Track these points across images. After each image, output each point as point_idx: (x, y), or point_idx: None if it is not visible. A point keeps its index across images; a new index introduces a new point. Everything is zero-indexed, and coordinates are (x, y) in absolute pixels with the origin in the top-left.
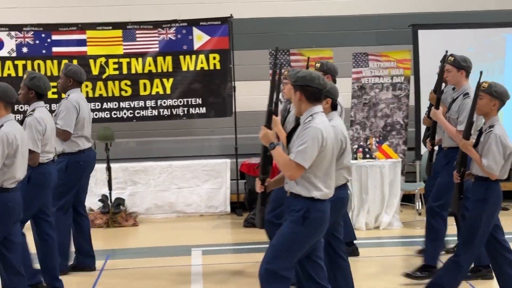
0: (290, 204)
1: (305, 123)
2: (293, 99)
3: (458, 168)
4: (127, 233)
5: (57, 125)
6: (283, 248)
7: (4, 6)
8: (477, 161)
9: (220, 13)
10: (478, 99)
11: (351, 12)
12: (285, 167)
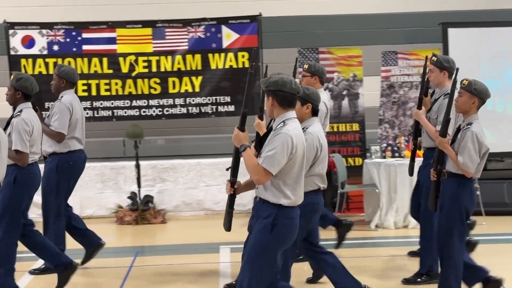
0: (258, 209)
1: (276, 129)
2: (266, 105)
3: (435, 166)
4: (156, 230)
5: (51, 127)
6: (257, 267)
7: (36, 4)
8: (453, 158)
9: (249, 11)
10: (458, 96)
11: (380, 10)
12: (253, 171)
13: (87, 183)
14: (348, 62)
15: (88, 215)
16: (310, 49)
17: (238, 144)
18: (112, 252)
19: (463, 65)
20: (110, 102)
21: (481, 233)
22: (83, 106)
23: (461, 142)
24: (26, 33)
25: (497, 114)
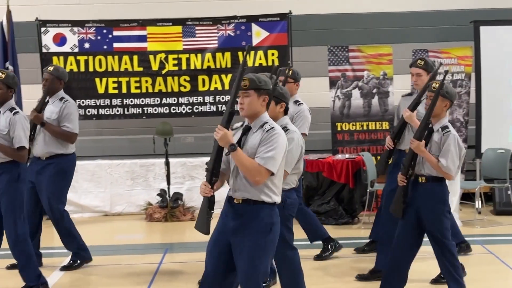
0: (244, 211)
1: (268, 130)
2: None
3: (406, 171)
4: (185, 227)
5: (67, 128)
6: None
7: (67, 3)
8: (433, 162)
9: (279, 9)
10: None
11: (411, 8)
12: (253, 172)
13: (117, 180)
14: (378, 60)
15: (117, 212)
16: (340, 47)
17: (226, 144)
18: (142, 249)
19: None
20: (140, 99)
21: None
22: (114, 104)
23: (440, 146)
24: (57, 31)
25: None
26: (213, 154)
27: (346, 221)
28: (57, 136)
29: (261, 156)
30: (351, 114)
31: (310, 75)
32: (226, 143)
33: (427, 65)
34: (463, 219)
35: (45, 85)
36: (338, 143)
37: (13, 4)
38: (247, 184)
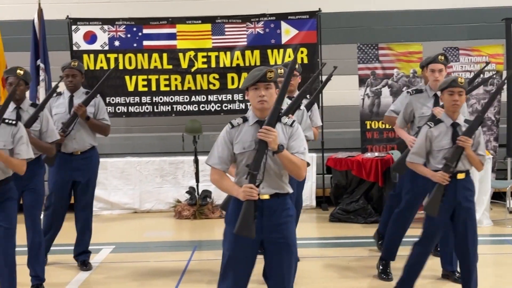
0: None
1: (291, 124)
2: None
3: (448, 168)
4: (214, 225)
5: (105, 121)
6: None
7: (97, 1)
8: (475, 156)
9: (309, 7)
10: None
11: (441, 6)
12: (302, 167)
13: (147, 178)
14: (408, 58)
15: (147, 209)
16: (369, 45)
17: (276, 144)
18: (170, 246)
19: None
20: (169, 97)
21: None
22: (144, 102)
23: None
24: (88, 28)
25: None
26: (257, 155)
27: (375, 219)
28: (97, 129)
29: (300, 151)
30: (381, 112)
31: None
32: (276, 144)
33: (448, 60)
34: (493, 219)
35: (72, 81)
36: (367, 141)
37: (44, 2)
38: (276, 179)
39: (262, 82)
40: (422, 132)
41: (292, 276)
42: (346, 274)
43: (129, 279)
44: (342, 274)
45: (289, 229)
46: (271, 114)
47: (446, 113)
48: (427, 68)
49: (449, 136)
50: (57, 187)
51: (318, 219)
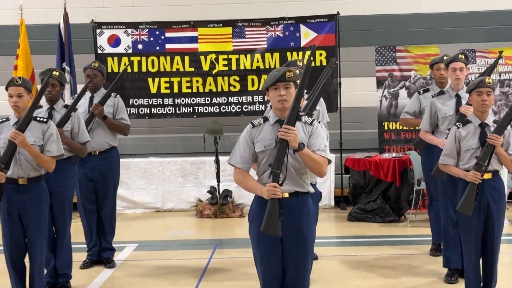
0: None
1: (311, 122)
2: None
3: (480, 167)
4: (234, 224)
5: (124, 121)
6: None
7: (121, 5)
8: (506, 155)
9: (327, 11)
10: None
11: (458, 8)
12: (323, 165)
13: (169, 177)
14: (425, 61)
15: (169, 208)
16: (387, 48)
17: (296, 142)
18: (192, 245)
19: None
20: (191, 99)
21: None
22: (166, 104)
23: (504, 141)
24: (112, 32)
25: None
26: (279, 154)
27: (392, 219)
28: (115, 129)
29: (321, 149)
30: (398, 113)
31: (357, 75)
32: (297, 142)
33: (468, 59)
34: (510, 218)
35: (92, 81)
36: (385, 142)
37: (70, 7)
38: (297, 177)
39: (281, 82)
40: (451, 133)
41: (308, 273)
42: (364, 273)
43: (151, 277)
44: (360, 273)
45: (308, 229)
46: (291, 113)
47: (474, 113)
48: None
49: (477, 136)
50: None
51: (337, 218)
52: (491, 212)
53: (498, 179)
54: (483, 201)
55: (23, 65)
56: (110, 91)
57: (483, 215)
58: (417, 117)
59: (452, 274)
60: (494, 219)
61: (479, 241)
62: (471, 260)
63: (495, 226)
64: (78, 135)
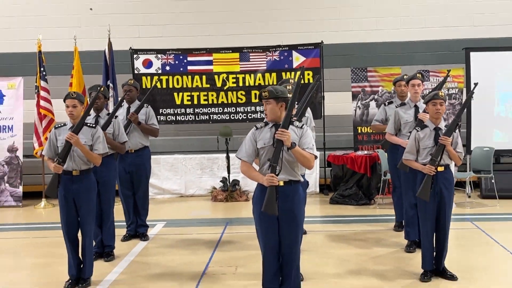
0: (287, 190)
1: (302, 126)
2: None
3: (434, 162)
4: (241, 206)
5: (154, 125)
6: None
7: (153, 35)
8: (454, 153)
9: (313, 40)
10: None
11: (416, 38)
12: (311, 160)
13: (190, 170)
14: (390, 79)
15: (190, 194)
16: (360, 69)
17: (289, 142)
18: (208, 222)
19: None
20: (207, 109)
21: (496, 213)
22: (188, 112)
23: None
24: (146, 57)
25: (509, 119)
26: (276, 151)
27: (364, 202)
28: (147, 132)
29: (309, 147)
30: (369, 120)
31: (337, 90)
32: (290, 142)
33: (423, 77)
34: (456, 202)
35: (129, 95)
36: (358, 142)
37: (113, 37)
38: (290, 169)
39: (262, 99)
40: (412, 135)
41: (299, 244)
42: (342, 245)
43: (176, 247)
44: (339, 245)
45: (299, 210)
46: (285, 119)
47: (430, 119)
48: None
49: (432, 137)
50: (119, 178)
51: (321, 202)
52: (443, 197)
53: (448, 171)
54: (437, 188)
55: (77, 82)
56: (143, 103)
57: (437, 200)
58: (384, 123)
59: (411, 245)
60: (446, 203)
61: (433, 220)
62: (427, 235)
63: (446, 209)
64: (118, 136)
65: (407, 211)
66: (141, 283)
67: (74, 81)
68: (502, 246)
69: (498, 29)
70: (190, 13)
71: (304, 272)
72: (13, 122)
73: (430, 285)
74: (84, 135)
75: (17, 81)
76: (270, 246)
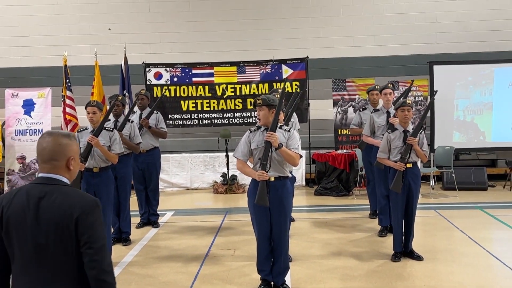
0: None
1: (289, 130)
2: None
3: (403, 160)
4: (239, 198)
5: (163, 128)
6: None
7: (163, 51)
8: (421, 152)
9: (300, 55)
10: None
11: (387, 53)
12: (295, 159)
13: (195, 167)
14: (365, 88)
15: (195, 187)
16: (340, 80)
17: (276, 143)
18: (210, 212)
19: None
20: (209, 114)
21: (456, 202)
22: (193, 117)
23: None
24: (156, 70)
25: (466, 122)
26: (265, 151)
27: (344, 194)
28: (157, 135)
29: (295, 147)
30: (347, 123)
31: (320, 98)
32: (277, 143)
33: (394, 87)
34: (422, 193)
35: (141, 103)
36: (339, 142)
37: (128, 53)
38: (279, 166)
39: (255, 106)
40: (384, 137)
41: (287, 230)
42: (325, 230)
43: (183, 233)
44: (322, 230)
45: (287, 201)
46: (272, 123)
47: (399, 123)
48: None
49: (401, 139)
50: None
51: (307, 194)
52: (411, 190)
53: (416, 168)
54: (406, 182)
55: (97, 92)
56: (153, 109)
57: (406, 191)
58: (360, 127)
59: (383, 230)
60: (413, 195)
61: (403, 209)
62: (398, 222)
63: (414, 199)
64: (133, 138)
65: (380, 201)
66: (153, 263)
67: (95, 91)
68: (461, 230)
69: (457, 45)
70: (195, 33)
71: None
72: (42, 126)
73: (399, 264)
74: (103, 137)
75: (46, 91)
76: (263, 232)
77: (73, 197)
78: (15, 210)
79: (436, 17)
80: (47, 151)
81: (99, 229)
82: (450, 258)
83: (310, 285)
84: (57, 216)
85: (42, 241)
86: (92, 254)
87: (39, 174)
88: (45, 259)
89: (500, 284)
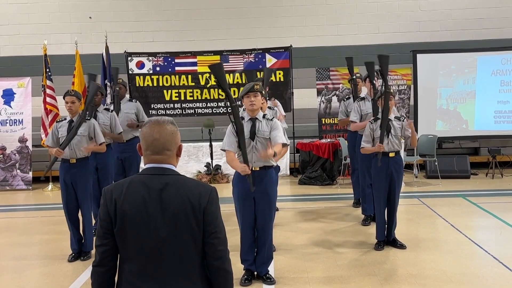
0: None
1: (272, 119)
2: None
3: (382, 141)
4: (223, 187)
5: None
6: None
7: (145, 40)
8: (415, 135)
9: (284, 44)
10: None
11: (371, 42)
12: (286, 150)
13: None
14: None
15: None
16: (324, 69)
17: (271, 155)
18: None
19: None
20: (193, 104)
21: (439, 190)
22: (176, 107)
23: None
24: (139, 59)
25: (449, 111)
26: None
27: (328, 183)
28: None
29: (280, 136)
30: (332, 112)
31: (304, 87)
32: (271, 155)
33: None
34: (405, 181)
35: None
36: (323, 131)
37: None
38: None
39: (251, 92)
40: (367, 127)
41: (272, 220)
42: (309, 219)
43: None
44: (306, 219)
45: (272, 190)
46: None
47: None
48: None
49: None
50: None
51: (291, 183)
52: (393, 178)
53: (398, 156)
54: (389, 171)
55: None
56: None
57: (388, 180)
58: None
59: (367, 219)
60: (396, 183)
61: (385, 197)
62: (380, 210)
63: (396, 188)
64: (115, 128)
65: (364, 190)
66: None
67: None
68: (443, 218)
69: (440, 34)
70: (177, 21)
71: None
72: (23, 116)
73: (382, 253)
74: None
75: (26, 81)
76: (247, 222)
77: (195, 186)
78: (134, 204)
79: (420, 6)
80: (160, 142)
81: (220, 218)
82: (433, 246)
83: (294, 275)
84: (184, 206)
85: (165, 234)
86: (217, 244)
87: (149, 165)
88: (167, 254)
89: (482, 271)
